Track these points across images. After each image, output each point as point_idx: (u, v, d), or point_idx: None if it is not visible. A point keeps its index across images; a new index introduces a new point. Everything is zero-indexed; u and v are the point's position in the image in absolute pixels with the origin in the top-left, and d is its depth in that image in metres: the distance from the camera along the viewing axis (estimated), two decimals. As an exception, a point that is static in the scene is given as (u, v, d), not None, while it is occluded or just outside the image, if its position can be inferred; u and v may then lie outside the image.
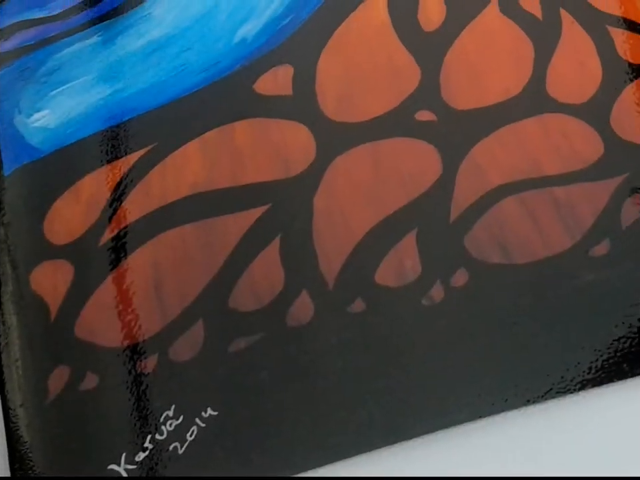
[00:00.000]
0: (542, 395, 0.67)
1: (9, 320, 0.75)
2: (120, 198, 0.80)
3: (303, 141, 0.82)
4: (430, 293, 0.72)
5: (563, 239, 0.74)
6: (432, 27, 0.88)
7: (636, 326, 0.69)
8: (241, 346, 0.71)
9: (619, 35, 0.86)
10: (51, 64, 0.89)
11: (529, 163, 0.78)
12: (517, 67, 0.85)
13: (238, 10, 0.92)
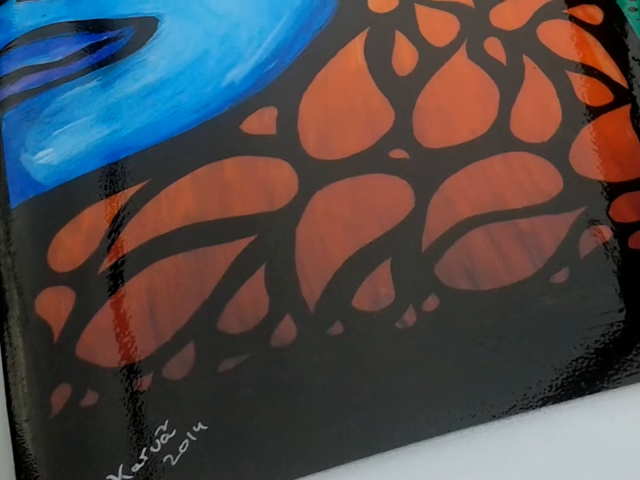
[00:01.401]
0: (506, 411, 0.67)
1: (15, 341, 0.76)
2: (118, 229, 0.81)
3: (286, 177, 0.83)
4: (403, 317, 0.73)
5: (526, 267, 0.75)
6: (405, 72, 0.90)
7: (593, 347, 0.70)
8: (229, 366, 0.72)
9: (578, 79, 0.88)
10: (54, 106, 0.90)
11: (495, 197, 0.80)
12: (483, 109, 0.86)
13: (226, 56, 0.93)
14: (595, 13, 0.95)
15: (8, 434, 0.71)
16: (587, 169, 0.81)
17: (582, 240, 0.77)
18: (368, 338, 0.72)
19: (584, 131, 0.84)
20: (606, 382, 0.69)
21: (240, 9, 0.98)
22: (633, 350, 0.70)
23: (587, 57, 0.91)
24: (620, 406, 0.68)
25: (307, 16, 0.96)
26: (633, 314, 0.72)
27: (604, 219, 0.78)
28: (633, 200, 0.79)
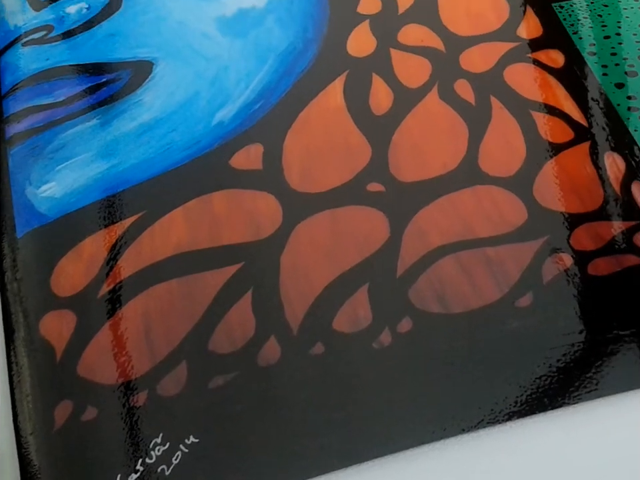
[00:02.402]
0: (475, 425, 0.68)
1: (20, 361, 0.76)
2: (116, 257, 0.81)
3: (271, 209, 0.84)
4: (379, 338, 0.74)
5: (492, 292, 0.76)
6: (381, 112, 0.92)
7: (555, 366, 0.71)
8: (219, 383, 0.72)
9: (541, 118, 0.90)
10: (57, 143, 0.91)
11: (464, 227, 0.81)
12: (454, 145, 0.88)
13: (216, 97, 0.95)
14: (557, 56, 0.97)
15: (14, 446, 0.72)
16: (549, 201, 0.83)
17: (545, 267, 0.78)
18: (347, 357, 0.73)
19: (547, 166, 0.86)
20: (567, 398, 0.70)
21: (228, 53, 1.00)
22: (592, 368, 0.71)
23: (549, 97, 0.93)
24: (580, 420, 0.69)
25: (290, 60, 0.98)
26: (592, 335, 0.73)
27: (565, 248, 0.79)
28: (591, 230, 0.80)
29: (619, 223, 0.81)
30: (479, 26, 1.01)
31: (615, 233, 0.80)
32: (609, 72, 0.95)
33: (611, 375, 0.71)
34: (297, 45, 1.00)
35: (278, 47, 1.00)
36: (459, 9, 1.04)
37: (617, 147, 0.87)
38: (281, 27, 1.02)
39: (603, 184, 0.84)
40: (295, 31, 1.02)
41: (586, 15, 1.03)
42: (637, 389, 0.70)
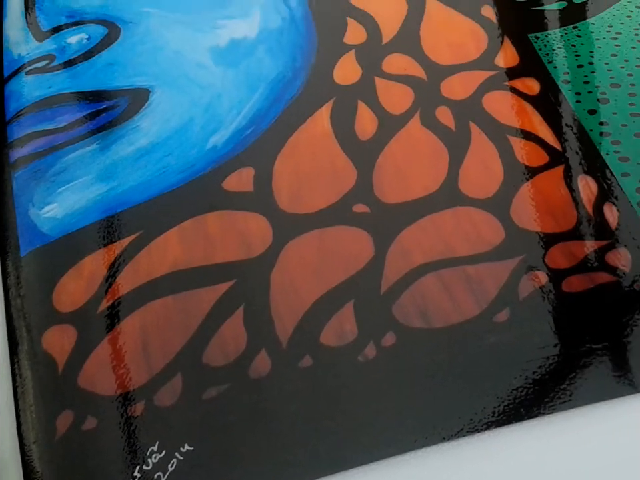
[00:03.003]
0: (455, 434, 0.69)
1: (24, 373, 0.77)
2: (114, 274, 0.82)
3: (262, 229, 0.84)
4: (364, 351, 0.75)
5: (472, 308, 0.77)
6: (366, 137, 0.93)
7: (531, 378, 0.72)
8: (212, 394, 0.73)
9: (517, 143, 0.91)
10: (58, 166, 0.92)
11: (445, 246, 0.82)
12: (435, 169, 0.89)
13: (209, 123, 0.96)
14: (533, 84, 0.98)
15: (18, 454, 0.72)
16: (525, 222, 0.83)
17: (521, 284, 0.78)
18: (334, 370, 0.74)
19: (523, 188, 0.86)
20: (542, 408, 0.70)
21: (221, 81, 1.00)
22: (566, 380, 0.72)
23: (525, 123, 0.93)
24: (555, 430, 0.70)
25: (279, 88, 0.99)
26: (566, 349, 0.74)
27: (540, 266, 0.80)
28: (566, 249, 0.81)
29: (592, 243, 0.82)
30: (458, 55, 1.02)
31: (588, 251, 0.81)
32: (582, 99, 0.96)
33: (584, 387, 0.72)
34: (286, 74, 1.00)
35: (268, 75, 1.00)
36: (440, 39, 1.04)
37: (589, 170, 0.88)
38: (271, 56, 1.03)
39: (577, 205, 0.85)
40: (284, 60, 1.02)
41: (560, 45, 1.03)
42: (609, 399, 0.71)
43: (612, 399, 0.71)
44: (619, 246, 0.81)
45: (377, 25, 1.07)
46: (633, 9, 1.07)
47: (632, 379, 0.72)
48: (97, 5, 1.12)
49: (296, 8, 1.10)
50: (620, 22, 1.06)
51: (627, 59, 1.01)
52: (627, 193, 0.85)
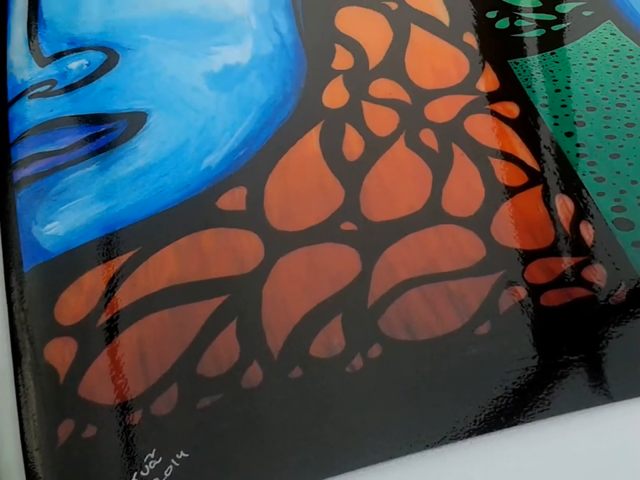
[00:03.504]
0: (438, 441, 0.70)
1: (27, 383, 0.77)
2: (113, 289, 0.82)
3: (254, 245, 0.85)
4: (352, 362, 0.75)
5: (454, 321, 0.77)
6: (354, 158, 0.93)
7: (510, 388, 0.73)
8: (206, 403, 0.73)
9: (498, 164, 0.92)
10: (60, 186, 0.92)
11: (429, 263, 0.82)
12: (419, 188, 0.89)
13: (204, 145, 0.96)
14: (513, 108, 0.99)
15: (21, 460, 0.73)
16: (505, 239, 0.84)
17: (501, 298, 0.79)
18: (323, 381, 0.74)
19: (503, 207, 0.87)
20: (522, 417, 0.71)
21: (215, 105, 1.01)
22: (544, 390, 0.73)
23: (505, 145, 0.94)
24: (534, 437, 0.71)
25: (271, 111, 0.99)
26: (544, 360, 0.75)
27: (520, 281, 0.80)
28: (544, 265, 0.82)
29: (569, 259, 0.83)
30: (442, 80, 1.03)
31: (565, 267, 0.82)
32: (560, 122, 0.97)
33: (561, 396, 0.72)
34: (277, 98, 1.01)
35: (260, 99, 1.01)
36: (424, 65, 1.05)
37: (566, 190, 0.89)
38: (262, 81, 1.04)
39: (554, 223, 0.86)
40: (275, 85, 1.03)
41: (539, 71, 1.05)
42: (585, 408, 0.72)
43: (588, 408, 0.72)
44: (594, 262, 0.82)
45: (364, 51, 1.07)
46: (607, 36, 1.09)
47: (607, 389, 0.73)
48: (97, 32, 1.13)
49: (286, 35, 1.11)
50: (595, 48, 1.07)
51: (602, 84, 1.02)
52: (602, 211, 0.86)
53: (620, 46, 1.08)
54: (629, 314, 0.78)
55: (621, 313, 0.79)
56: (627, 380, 0.74)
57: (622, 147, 0.94)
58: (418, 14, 1.14)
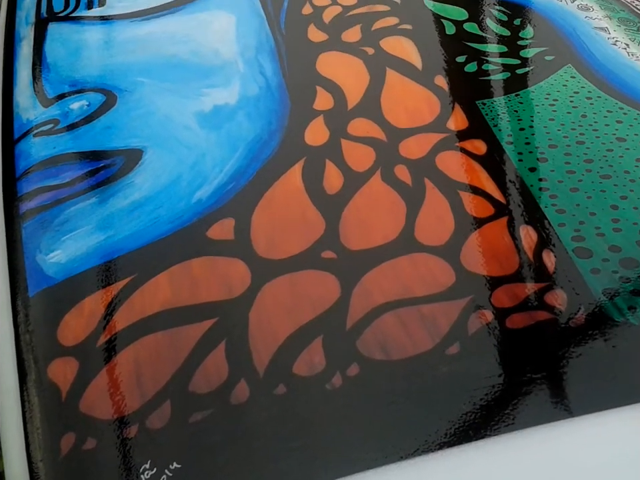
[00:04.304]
0: (411, 453, 0.70)
1: (32, 399, 0.78)
2: (111, 313, 0.83)
3: (241, 272, 0.86)
4: (332, 380, 0.76)
5: (426, 342, 0.78)
6: (333, 191, 0.95)
7: (478, 404, 0.74)
8: (197, 418, 0.74)
9: (467, 197, 0.93)
10: (62, 217, 0.93)
11: (403, 288, 0.83)
12: (394, 220, 0.90)
13: (195, 179, 0.97)
14: (480, 145, 1.01)
15: (27, 471, 0.74)
16: (474, 266, 0.85)
17: (470, 321, 0.80)
18: (305, 397, 0.75)
19: (472, 236, 0.88)
20: (488, 431, 0.72)
21: (206, 142, 1.02)
22: (509, 406, 0.74)
23: (473, 179, 0.96)
24: (499, 449, 0.72)
25: (257, 148, 1.00)
26: (509, 378, 0.76)
27: (487, 305, 0.81)
28: (509, 290, 0.83)
29: (532, 285, 0.84)
30: (415, 120, 1.04)
31: (529, 292, 0.83)
32: (524, 158, 0.98)
33: (525, 412, 0.73)
34: (263, 136, 1.02)
35: (247, 137, 1.02)
36: (398, 105, 1.07)
37: (530, 221, 0.90)
38: (249, 120, 1.05)
39: (519, 252, 0.87)
40: (261, 124, 1.04)
41: (504, 111, 1.06)
42: (547, 422, 0.72)
43: (550, 422, 0.73)
44: (556, 288, 0.83)
45: (343, 93, 1.09)
46: (568, 79, 1.11)
47: (568, 404, 0.74)
48: (96, 75, 1.14)
49: (271, 78, 1.12)
50: (557, 90, 1.09)
51: (563, 123, 1.04)
52: (563, 241, 0.88)
53: (579, 88, 1.10)
54: (587, 335, 0.79)
55: (581, 335, 0.79)
56: (585, 397, 0.75)
57: (581, 182, 0.95)
58: (393, 58, 1.15)
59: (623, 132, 1.03)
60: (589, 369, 0.77)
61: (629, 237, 0.89)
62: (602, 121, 1.05)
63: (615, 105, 1.07)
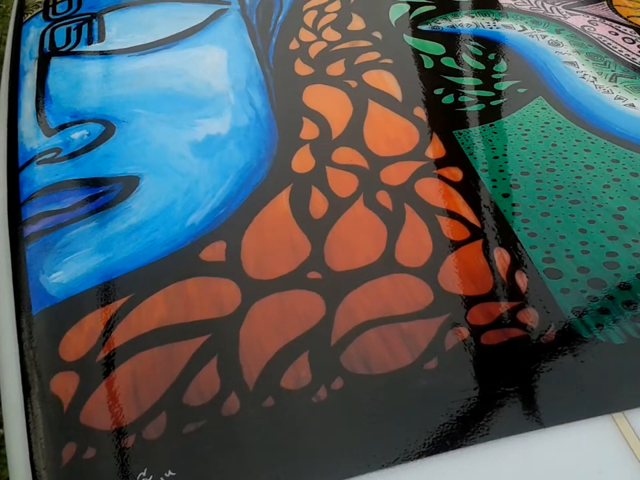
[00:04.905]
0: (392, 462, 0.72)
1: (35, 411, 0.78)
2: (110, 330, 0.84)
3: (232, 292, 0.87)
4: (317, 393, 0.77)
5: (406, 357, 0.79)
6: (319, 216, 0.96)
7: (455, 416, 0.75)
8: (191, 429, 0.75)
9: (444, 221, 0.94)
10: (64, 240, 0.94)
11: (384, 307, 0.84)
12: (376, 242, 0.92)
13: (188, 204, 0.98)
14: (457, 172, 1.02)
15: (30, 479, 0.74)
16: (451, 286, 0.86)
17: (447, 337, 0.81)
18: (292, 409, 0.76)
19: (449, 258, 0.89)
20: (464, 440, 0.73)
21: (199, 170, 1.03)
22: (484, 417, 0.75)
23: (450, 205, 0.97)
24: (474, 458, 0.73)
25: (247, 175, 1.02)
26: (484, 391, 0.77)
27: (463, 322, 0.82)
28: (484, 309, 0.84)
29: (506, 303, 0.85)
30: (395, 148, 1.05)
31: (502, 311, 0.84)
32: (498, 185, 1.00)
33: (499, 423, 0.75)
34: (253, 164, 1.03)
35: (237, 165, 1.03)
36: (380, 135, 1.08)
37: (503, 244, 0.91)
38: (239, 149, 1.06)
39: (493, 273, 0.88)
40: (250, 152, 1.05)
41: (479, 140, 1.08)
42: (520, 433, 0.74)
43: (522, 432, 0.74)
44: (528, 306, 0.84)
45: (328, 123, 1.10)
46: (539, 110, 1.13)
47: (539, 416, 0.75)
48: (96, 106, 1.15)
49: (260, 109, 1.13)
50: (529, 121, 1.11)
51: (534, 152, 1.05)
52: (534, 262, 0.89)
53: (550, 118, 1.12)
54: (557, 351, 0.80)
55: (551, 351, 0.81)
56: (556, 409, 0.76)
57: (551, 207, 0.96)
58: (374, 91, 1.17)
59: (590, 160, 1.04)
60: (559, 383, 0.78)
61: (596, 258, 0.90)
62: (571, 149, 1.06)
63: (583, 134, 1.09)
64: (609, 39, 1.32)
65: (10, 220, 0.99)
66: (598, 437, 0.74)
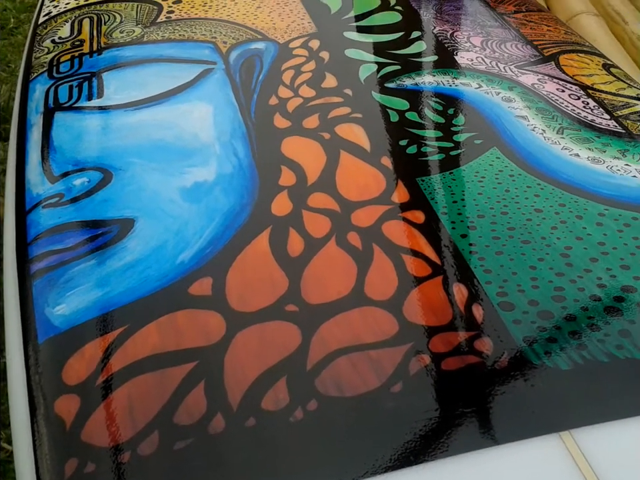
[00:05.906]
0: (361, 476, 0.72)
1: (41, 430, 0.79)
2: (108, 357, 0.85)
3: (217, 323, 0.88)
4: (294, 414, 0.78)
5: (374, 381, 0.80)
6: (296, 254, 0.97)
7: (418, 434, 0.76)
8: (181, 446, 0.76)
9: (408, 259, 0.96)
10: (66, 276, 0.95)
11: (354, 336, 0.85)
12: (347, 278, 0.93)
13: (179, 244, 0.99)
14: (420, 215, 1.04)
15: None
16: (414, 317, 0.87)
17: (411, 364, 0.82)
18: (271, 428, 0.77)
19: (412, 292, 0.90)
20: (427, 456, 0.74)
21: (188, 213, 1.05)
22: (444, 435, 0.76)
23: (414, 244, 0.98)
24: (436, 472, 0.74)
25: (231, 218, 1.03)
26: (444, 412, 0.78)
27: (425, 350, 0.84)
28: (444, 338, 0.85)
29: (463, 333, 0.86)
30: (364, 194, 1.07)
31: (461, 340, 0.85)
32: (456, 226, 1.01)
33: (458, 440, 0.75)
34: (236, 208, 1.04)
35: (222, 208, 1.04)
36: (351, 182, 1.10)
37: (461, 280, 0.93)
38: (224, 195, 1.07)
39: (452, 305, 0.89)
40: (234, 197, 1.07)
41: (440, 186, 1.10)
42: (477, 449, 0.75)
43: (478, 449, 0.75)
44: (483, 336, 0.85)
45: (304, 171, 1.12)
46: (494, 159, 1.15)
47: (494, 434, 0.76)
48: (95, 156, 1.16)
49: (243, 159, 1.14)
50: (484, 169, 1.13)
51: (489, 197, 1.07)
52: (489, 296, 0.90)
53: (503, 167, 1.14)
54: (510, 376, 0.81)
55: (504, 376, 0.81)
56: (509, 428, 0.77)
57: (505, 246, 0.98)
58: (346, 142, 1.18)
59: (540, 204, 1.06)
60: (512, 405, 0.79)
61: (545, 292, 0.91)
62: (522, 194, 1.08)
63: (533, 181, 1.11)
64: (556, 95, 1.35)
65: (18, 258, 1.00)
66: (547, 453, 0.75)
